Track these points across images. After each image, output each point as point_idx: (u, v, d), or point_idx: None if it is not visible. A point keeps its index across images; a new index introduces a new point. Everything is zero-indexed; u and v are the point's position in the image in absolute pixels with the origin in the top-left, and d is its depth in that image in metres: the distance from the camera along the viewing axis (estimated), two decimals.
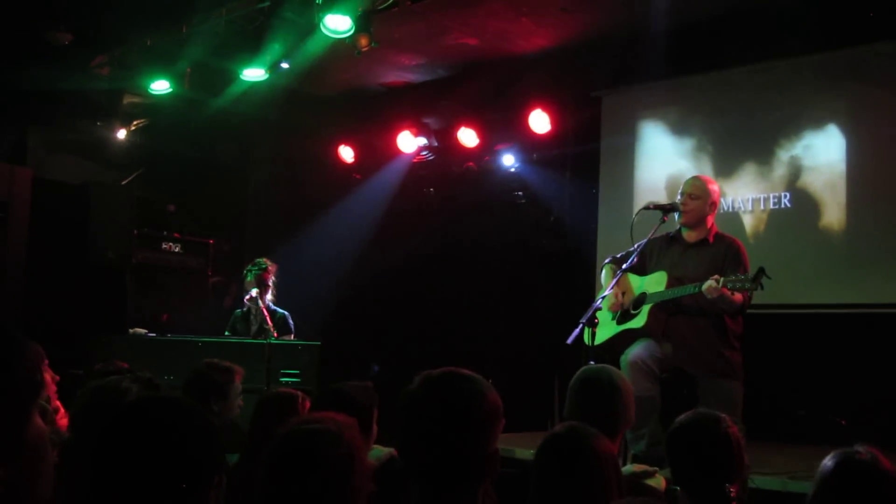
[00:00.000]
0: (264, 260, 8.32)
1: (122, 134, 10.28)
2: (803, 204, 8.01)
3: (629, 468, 3.93)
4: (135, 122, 10.32)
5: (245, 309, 8.32)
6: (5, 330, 2.08)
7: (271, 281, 8.21)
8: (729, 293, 5.42)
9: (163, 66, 8.69)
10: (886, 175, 7.54)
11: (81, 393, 2.95)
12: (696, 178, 6.11)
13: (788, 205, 8.11)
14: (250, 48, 8.15)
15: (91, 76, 9.17)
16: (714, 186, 6.04)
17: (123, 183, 9.99)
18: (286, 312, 8.29)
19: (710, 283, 5.39)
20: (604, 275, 6.21)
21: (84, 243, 8.66)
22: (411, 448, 2.35)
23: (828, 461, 2.69)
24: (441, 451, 2.30)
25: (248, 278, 8.21)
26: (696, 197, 5.90)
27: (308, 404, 4.16)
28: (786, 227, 8.09)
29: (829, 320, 7.78)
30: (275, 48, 8.11)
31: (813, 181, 7.98)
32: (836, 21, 7.67)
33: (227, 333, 8.29)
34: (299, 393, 4.27)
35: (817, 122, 7.99)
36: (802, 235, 7.98)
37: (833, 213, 7.85)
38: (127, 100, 9.90)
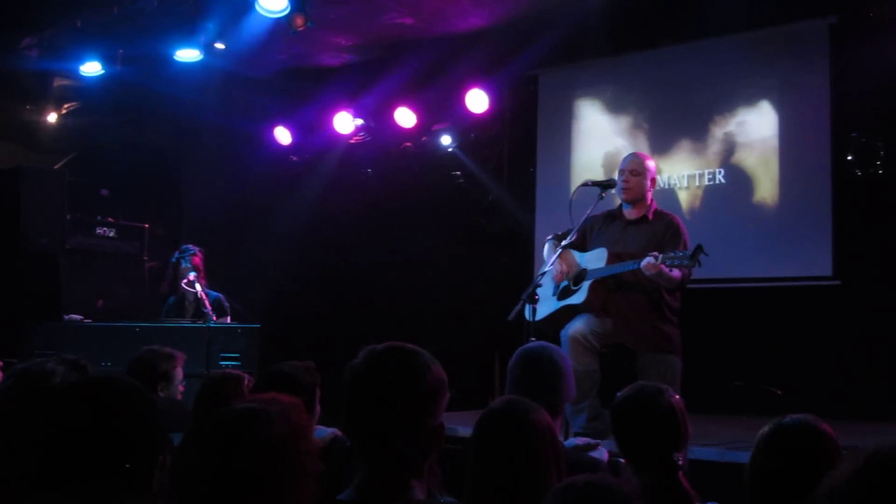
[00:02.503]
0: (191, 245, 8.28)
1: (52, 117, 10.10)
2: (737, 180, 8.13)
3: (572, 441, 3.97)
4: (66, 105, 10.14)
5: (178, 295, 8.26)
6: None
7: (202, 265, 8.16)
8: (667, 270, 5.48)
9: (94, 47, 8.54)
10: (816, 150, 7.68)
11: (7, 375, 2.90)
12: (634, 155, 6.17)
13: (723, 181, 8.21)
14: (184, 29, 8.03)
15: (20, 58, 8.97)
16: (651, 163, 6.12)
17: (55, 167, 9.81)
18: (220, 294, 8.24)
19: (648, 261, 5.44)
20: (546, 251, 6.23)
21: (15, 229, 8.48)
22: (357, 422, 2.35)
23: (765, 427, 2.76)
24: (386, 425, 2.30)
25: (184, 265, 8.14)
26: (638, 173, 5.97)
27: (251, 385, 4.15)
28: (720, 203, 8.21)
29: (763, 293, 7.92)
30: (209, 28, 8.01)
31: (746, 157, 8.09)
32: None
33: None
34: (244, 375, 4.25)
35: (750, 100, 8.10)
36: (736, 211, 8.10)
37: (766, 189, 7.97)
38: (58, 82, 9.72)
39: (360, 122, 10.23)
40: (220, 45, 8.31)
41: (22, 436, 1.95)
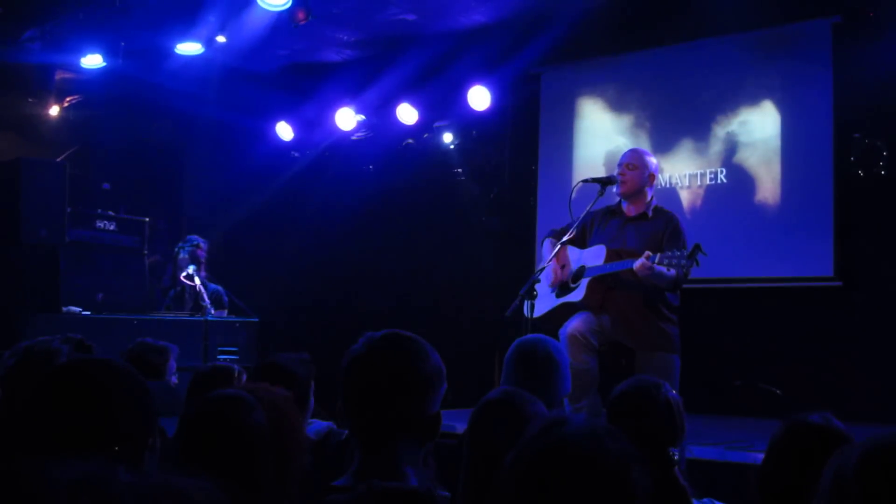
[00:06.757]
0: (196, 237, 8.28)
1: (54, 110, 10.09)
2: (739, 179, 8.10)
3: None
4: (68, 99, 10.14)
5: (179, 288, 8.25)
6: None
7: (204, 257, 8.16)
8: (663, 269, 5.43)
9: (96, 40, 8.53)
10: (819, 151, 7.65)
11: (11, 353, 2.88)
12: (633, 150, 6.13)
13: (724, 180, 8.19)
14: (185, 22, 8.04)
15: (22, 50, 8.96)
16: (652, 159, 6.05)
17: (57, 160, 9.79)
18: (220, 288, 8.24)
19: (641, 262, 5.39)
20: (544, 247, 6.19)
21: (16, 220, 8.45)
22: (354, 407, 2.35)
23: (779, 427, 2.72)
24: (383, 411, 2.30)
25: (182, 255, 8.15)
26: (634, 167, 5.92)
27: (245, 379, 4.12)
28: (721, 203, 8.18)
29: (763, 293, 7.90)
30: (210, 22, 8.01)
31: (748, 157, 8.06)
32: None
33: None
34: (235, 367, 4.22)
35: (753, 99, 8.07)
36: (738, 211, 8.07)
37: (768, 189, 7.94)
38: (59, 75, 9.72)
39: (361, 118, 10.22)
40: (221, 39, 8.31)
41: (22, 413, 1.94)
